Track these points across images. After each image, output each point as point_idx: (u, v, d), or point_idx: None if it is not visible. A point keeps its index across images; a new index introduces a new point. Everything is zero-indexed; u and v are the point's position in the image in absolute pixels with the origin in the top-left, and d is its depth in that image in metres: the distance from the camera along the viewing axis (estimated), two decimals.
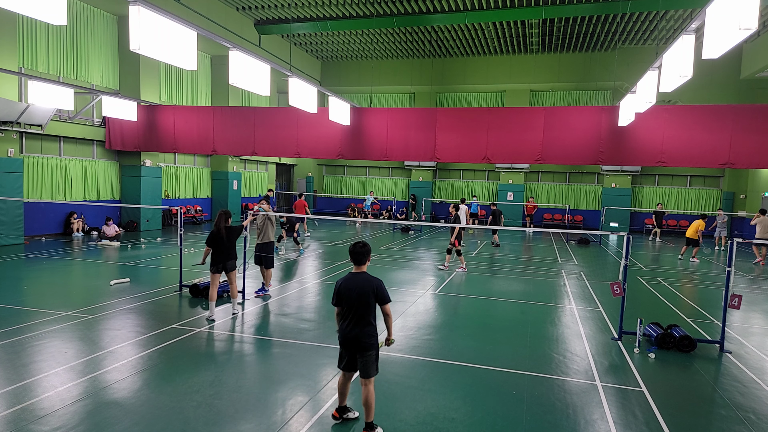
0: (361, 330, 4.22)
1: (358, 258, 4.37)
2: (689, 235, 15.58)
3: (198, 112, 17.43)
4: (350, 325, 4.25)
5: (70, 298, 8.48)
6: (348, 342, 4.27)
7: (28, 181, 15.39)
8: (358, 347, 4.24)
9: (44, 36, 15.32)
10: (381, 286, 4.29)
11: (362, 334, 4.22)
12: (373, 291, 4.23)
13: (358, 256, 4.37)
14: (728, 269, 6.71)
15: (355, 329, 4.22)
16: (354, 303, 4.23)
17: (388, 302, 4.28)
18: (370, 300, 4.24)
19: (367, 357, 4.25)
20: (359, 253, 4.36)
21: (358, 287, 4.24)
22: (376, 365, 4.32)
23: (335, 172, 31.78)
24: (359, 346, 4.23)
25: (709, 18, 6.02)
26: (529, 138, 14.65)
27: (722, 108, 13.72)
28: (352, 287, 4.26)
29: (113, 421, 4.35)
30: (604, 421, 4.70)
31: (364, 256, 4.38)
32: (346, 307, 4.27)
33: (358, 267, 4.39)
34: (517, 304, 9.27)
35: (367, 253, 4.40)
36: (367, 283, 4.25)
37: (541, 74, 25.90)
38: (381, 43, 25.23)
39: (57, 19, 6.03)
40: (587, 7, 17.79)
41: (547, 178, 27.98)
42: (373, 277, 4.32)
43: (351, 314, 4.25)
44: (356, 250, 4.37)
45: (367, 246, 4.42)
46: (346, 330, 4.27)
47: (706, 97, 22.11)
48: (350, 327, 4.25)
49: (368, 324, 4.25)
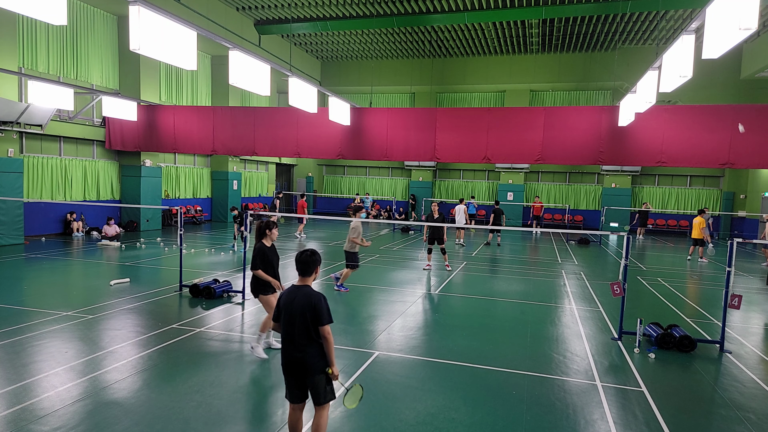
0: (304, 351, 3.63)
1: (303, 267, 3.77)
2: (695, 236, 15.47)
3: (198, 112, 17.43)
4: (291, 345, 3.66)
5: (70, 298, 8.48)
6: (291, 366, 3.68)
7: (28, 181, 15.39)
8: (304, 371, 3.66)
9: (44, 36, 15.32)
10: (321, 302, 3.63)
11: (306, 356, 3.63)
12: (310, 308, 3.61)
13: (304, 266, 3.77)
14: (728, 269, 6.71)
15: (297, 351, 3.64)
16: (295, 320, 3.64)
17: (327, 323, 3.62)
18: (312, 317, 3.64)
19: (316, 381, 3.66)
20: (305, 263, 3.77)
21: (299, 302, 3.65)
22: (330, 388, 3.74)
23: (335, 172, 31.78)
24: (304, 370, 3.66)
25: (709, 18, 6.02)
26: (529, 138, 14.65)
27: (722, 108, 13.72)
28: (291, 302, 3.68)
29: (113, 421, 4.35)
30: (604, 421, 4.70)
31: (311, 266, 3.78)
32: (286, 324, 3.69)
33: (303, 279, 3.79)
34: (517, 304, 9.27)
35: (314, 262, 3.80)
36: (308, 299, 3.64)
37: (541, 74, 25.90)
38: (381, 43, 25.23)
39: (57, 19, 6.03)
40: (587, 7, 17.79)
41: (547, 178, 27.98)
42: (315, 292, 3.70)
43: (292, 332, 3.66)
44: (302, 258, 3.78)
45: (315, 255, 3.82)
46: (288, 352, 3.68)
47: (706, 97, 22.11)
48: (291, 348, 3.66)
49: (312, 343, 3.65)
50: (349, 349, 6.42)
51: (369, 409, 4.73)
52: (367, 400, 4.92)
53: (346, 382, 5.31)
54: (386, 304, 8.81)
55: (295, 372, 3.70)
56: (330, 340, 3.65)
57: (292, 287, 3.79)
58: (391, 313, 8.18)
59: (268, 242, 6.17)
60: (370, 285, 10.43)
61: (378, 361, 6.02)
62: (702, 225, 15.33)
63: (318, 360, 3.66)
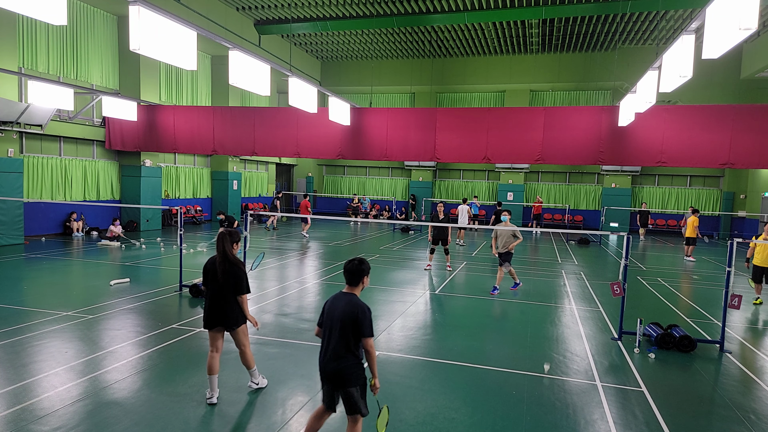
0: (340, 362, 3.53)
1: (350, 277, 3.66)
2: (688, 235, 15.59)
3: (198, 112, 17.43)
4: (328, 354, 3.57)
5: (70, 298, 8.48)
6: (326, 375, 3.60)
7: (28, 181, 15.39)
8: (338, 382, 3.57)
9: (44, 36, 15.32)
10: (365, 315, 3.50)
11: (341, 366, 3.53)
12: (352, 320, 3.49)
13: (351, 275, 3.65)
14: (728, 269, 6.71)
15: (334, 361, 3.53)
16: (335, 328, 3.55)
17: (369, 337, 3.50)
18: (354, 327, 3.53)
19: (349, 394, 3.56)
20: (353, 272, 3.65)
21: (341, 310, 3.55)
22: (364, 403, 3.60)
23: (335, 172, 31.78)
24: (338, 382, 3.56)
25: (709, 18, 6.02)
26: (529, 138, 14.65)
27: (722, 108, 13.72)
28: (336, 309, 3.58)
29: (113, 421, 4.34)
30: (604, 421, 4.70)
31: (359, 275, 3.65)
32: (326, 330, 3.62)
33: (350, 287, 3.68)
34: (517, 304, 9.27)
35: (362, 272, 3.65)
36: (351, 308, 3.52)
37: (541, 74, 25.90)
38: (381, 43, 25.23)
39: (57, 19, 6.03)
40: (587, 7, 17.79)
41: (547, 178, 27.98)
42: (359, 303, 3.57)
43: (330, 341, 3.57)
44: (350, 268, 3.66)
45: (364, 264, 3.68)
46: (324, 361, 3.59)
47: (706, 97, 22.12)
48: (328, 357, 3.56)
49: (348, 354, 3.53)
50: None
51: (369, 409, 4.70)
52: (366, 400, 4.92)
53: None
54: (386, 304, 8.81)
55: (329, 382, 3.61)
56: (372, 353, 3.53)
57: (339, 294, 3.69)
58: (391, 313, 8.18)
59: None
60: (370, 285, 10.42)
61: (378, 361, 6.01)
62: (696, 224, 15.39)
63: (353, 371, 3.55)
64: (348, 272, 3.66)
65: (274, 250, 15.09)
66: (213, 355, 4.77)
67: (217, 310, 4.76)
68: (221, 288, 4.75)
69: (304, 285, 10.29)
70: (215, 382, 4.77)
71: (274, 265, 12.49)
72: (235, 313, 4.79)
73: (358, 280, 3.66)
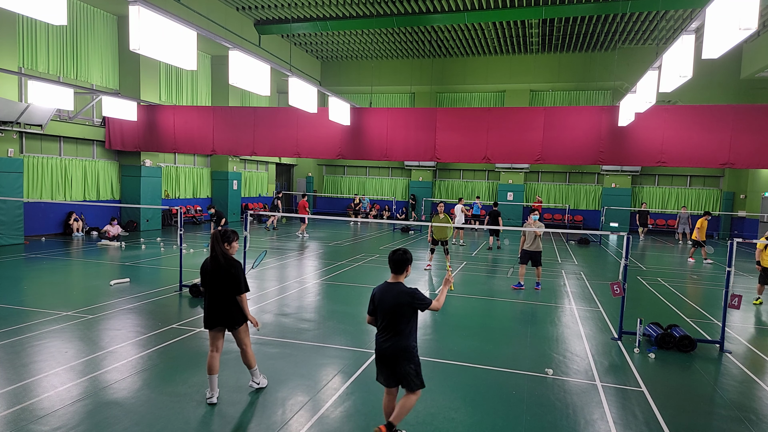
0: (396, 345, 3.90)
1: (396, 266, 3.99)
2: (695, 237, 15.36)
3: (198, 112, 17.43)
4: (384, 339, 3.95)
5: (70, 298, 8.48)
6: (383, 358, 3.98)
7: (28, 181, 15.39)
8: (395, 363, 3.93)
9: (44, 36, 15.32)
10: (416, 295, 3.93)
11: (398, 350, 3.90)
12: (410, 303, 3.91)
13: (397, 264, 3.99)
14: (728, 269, 6.72)
15: (390, 344, 3.92)
16: (388, 315, 3.92)
17: (428, 305, 3.97)
18: (406, 312, 3.90)
19: (406, 371, 3.93)
20: (398, 261, 3.98)
21: (393, 298, 3.92)
22: (420, 378, 3.99)
23: (335, 172, 31.79)
24: (395, 363, 3.93)
25: (709, 18, 6.02)
26: (529, 138, 14.65)
27: (722, 108, 13.72)
28: (386, 298, 3.95)
29: (113, 421, 4.34)
30: (604, 421, 4.70)
31: (403, 264, 3.99)
32: (381, 318, 3.99)
33: (395, 276, 4.02)
34: (517, 304, 9.27)
35: (407, 261, 4.00)
36: (402, 295, 3.92)
37: (541, 74, 25.90)
38: (381, 43, 25.23)
39: (57, 19, 6.03)
40: (587, 7, 17.79)
41: (547, 178, 27.99)
42: (408, 288, 3.97)
43: (385, 327, 3.96)
44: (395, 257, 3.99)
45: (408, 254, 4.03)
46: (381, 344, 3.98)
47: (706, 97, 22.12)
48: (384, 341, 3.95)
49: (405, 338, 3.92)
50: (349, 349, 6.42)
51: (369, 409, 4.73)
52: (367, 400, 4.93)
53: (345, 383, 5.32)
54: None
55: (386, 362, 3.96)
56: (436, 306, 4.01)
57: (385, 284, 4.03)
58: None
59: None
60: (370, 285, 10.42)
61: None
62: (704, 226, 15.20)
63: (410, 351, 3.94)
64: (393, 262, 3.99)
65: (274, 250, 15.09)
66: (213, 355, 4.77)
67: (217, 309, 4.76)
68: (220, 288, 4.75)
69: (304, 285, 10.29)
70: (215, 382, 4.78)
71: (274, 265, 12.49)
72: (236, 312, 4.79)
73: (402, 269, 4.01)
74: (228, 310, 4.76)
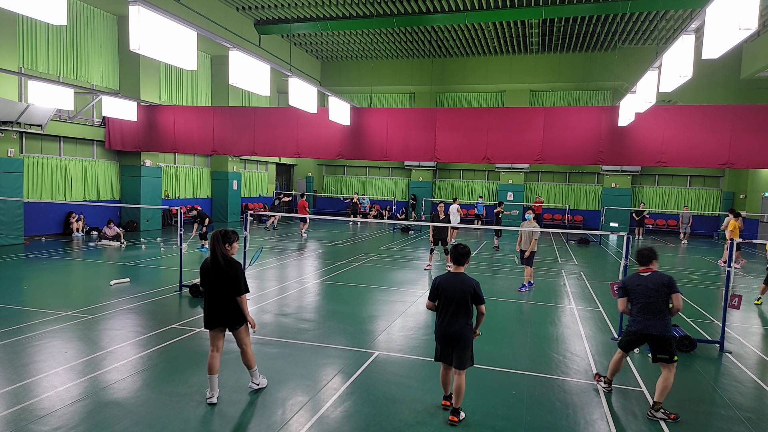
0: (462, 327, 4.49)
1: (459, 259, 4.64)
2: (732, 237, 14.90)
3: (198, 112, 17.43)
4: (449, 321, 4.51)
5: (70, 298, 8.48)
6: (447, 337, 4.54)
7: (28, 181, 15.39)
8: (458, 343, 4.50)
9: (44, 36, 15.32)
10: (478, 287, 4.54)
11: (463, 331, 4.49)
12: (471, 291, 4.49)
13: (460, 257, 4.64)
14: (728, 269, 6.71)
15: (455, 326, 4.49)
16: (453, 301, 4.49)
17: (483, 303, 4.56)
18: (468, 299, 4.49)
19: (465, 351, 4.51)
20: (461, 254, 4.64)
21: (458, 287, 4.51)
22: (472, 358, 4.61)
23: (335, 172, 31.79)
24: (459, 343, 4.49)
25: (709, 18, 6.02)
26: (529, 138, 14.65)
27: (722, 108, 13.72)
28: (451, 286, 4.53)
29: (113, 421, 4.34)
30: (604, 421, 4.70)
31: (465, 257, 4.65)
32: (445, 304, 4.54)
33: (457, 267, 4.65)
34: (517, 304, 9.27)
35: (467, 254, 4.67)
36: (466, 284, 4.51)
37: (541, 74, 25.90)
38: (381, 43, 25.23)
39: (57, 19, 6.02)
40: (587, 7, 17.78)
41: (547, 178, 27.98)
42: (471, 279, 4.57)
43: (450, 312, 4.51)
44: (459, 251, 4.64)
45: (467, 248, 4.67)
46: (445, 326, 4.53)
47: (706, 97, 22.12)
48: (449, 324, 4.51)
49: (467, 321, 4.51)
50: (349, 349, 6.42)
51: (369, 409, 4.73)
52: (367, 400, 4.93)
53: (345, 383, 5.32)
54: (386, 304, 8.81)
55: (449, 342, 4.55)
56: (484, 315, 4.62)
57: (449, 274, 4.64)
58: (391, 313, 8.18)
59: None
60: (370, 285, 10.43)
61: (378, 361, 6.02)
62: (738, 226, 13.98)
63: (470, 334, 4.55)
64: (457, 254, 4.64)
65: (274, 250, 15.09)
66: (213, 355, 4.77)
67: (217, 310, 4.76)
68: (220, 288, 4.75)
69: (304, 285, 10.29)
70: (215, 382, 4.78)
71: (274, 265, 12.49)
72: (236, 312, 4.79)
73: (464, 261, 4.66)
74: (228, 310, 4.76)
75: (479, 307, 4.56)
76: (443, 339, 4.58)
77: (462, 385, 4.53)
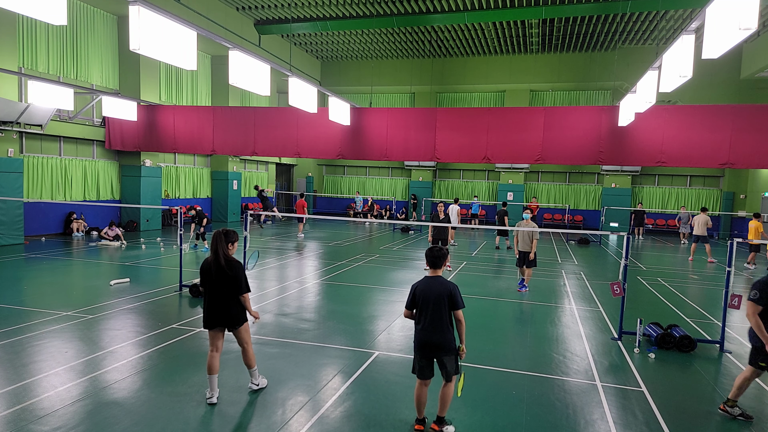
0: (443, 334, 4.20)
1: (434, 261, 4.39)
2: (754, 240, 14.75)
3: (198, 112, 17.43)
4: (429, 329, 4.21)
5: (70, 298, 8.48)
6: (428, 346, 4.24)
7: (28, 181, 15.39)
8: (440, 351, 4.22)
9: (44, 36, 15.31)
10: (456, 291, 4.25)
11: (444, 339, 4.20)
12: (447, 294, 4.21)
13: (436, 260, 4.39)
14: (728, 269, 6.71)
15: (436, 334, 4.20)
16: (431, 307, 4.21)
17: (461, 308, 4.22)
18: (445, 302, 4.22)
19: (449, 360, 4.23)
20: (437, 257, 4.39)
21: (435, 290, 4.24)
22: (458, 366, 4.31)
23: (335, 172, 31.78)
24: (442, 351, 4.22)
25: (709, 18, 6.02)
26: (529, 138, 14.65)
27: (722, 108, 13.71)
28: (428, 291, 4.26)
29: (113, 421, 4.34)
30: (604, 421, 4.70)
31: (441, 259, 4.41)
32: (423, 309, 4.26)
33: (434, 270, 4.41)
34: (517, 304, 9.27)
35: (444, 256, 4.43)
36: (443, 287, 4.24)
37: (541, 74, 25.90)
38: (381, 43, 25.23)
39: (57, 19, 6.02)
40: (587, 7, 17.79)
41: (547, 178, 27.98)
42: (448, 282, 4.31)
43: (428, 317, 4.22)
44: (434, 254, 4.39)
45: (443, 249, 4.45)
46: (425, 334, 4.24)
47: (706, 97, 22.12)
48: (429, 331, 4.22)
49: (447, 328, 4.22)
50: (349, 349, 6.42)
51: (369, 409, 4.73)
52: (367, 400, 4.93)
53: (345, 383, 5.32)
54: (386, 304, 8.81)
55: (429, 352, 4.25)
56: (463, 323, 4.25)
57: (426, 278, 4.36)
58: (391, 313, 8.18)
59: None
60: (370, 285, 10.43)
61: (378, 361, 6.01)
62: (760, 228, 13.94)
63: (451, 341, 4.23)
64: (432, 257, 4.38)
65: (274, 250, 15.09)
66: (213, 355, 4.77)
67: (217, 310, 4.76)
68: (220, 288, 4.74)
69: (303, 285, 10.29)
70: (215, 382, 4.78)
71: (273, 265, 12.49)
72: (237, 312, 4.80)
73: (440, 264, 4.40)
74: (228, 310, 4.76)
75: (456, 313, 4.21)
76: (424, 348, 4.26)
77: (450, 393, 4.28)
